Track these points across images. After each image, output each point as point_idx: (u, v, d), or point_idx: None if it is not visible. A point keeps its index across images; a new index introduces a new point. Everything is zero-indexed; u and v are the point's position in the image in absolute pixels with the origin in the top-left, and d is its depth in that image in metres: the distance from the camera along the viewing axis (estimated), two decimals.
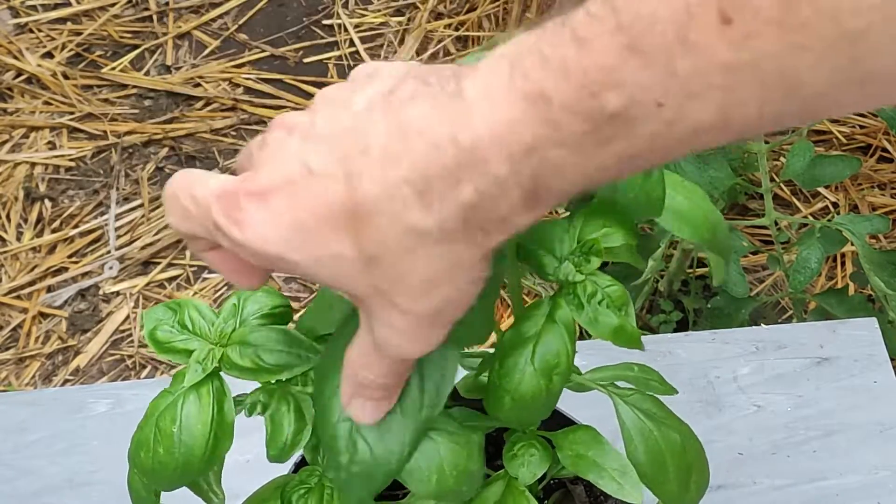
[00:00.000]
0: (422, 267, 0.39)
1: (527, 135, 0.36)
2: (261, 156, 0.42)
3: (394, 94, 0.40)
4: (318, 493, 0.53)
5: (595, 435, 0.58)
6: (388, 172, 0.38)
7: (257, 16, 2.07)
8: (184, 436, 0.50)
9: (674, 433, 0.58)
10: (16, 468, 0.85)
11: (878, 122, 1.79)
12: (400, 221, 0.38)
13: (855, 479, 0.82)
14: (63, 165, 1.85)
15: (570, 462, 0.57)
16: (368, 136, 0.39)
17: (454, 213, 0.38)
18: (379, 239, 0.39)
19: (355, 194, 0.38)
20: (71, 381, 1.59)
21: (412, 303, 0.41)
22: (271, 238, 0.40)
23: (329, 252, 0.40)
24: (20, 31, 2.05)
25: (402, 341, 0.43)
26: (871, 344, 0.90)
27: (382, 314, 0.42)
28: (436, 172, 0.37)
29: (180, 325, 0.53)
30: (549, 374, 0.51)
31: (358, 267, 0.40)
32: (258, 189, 0.40)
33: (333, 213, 0.39)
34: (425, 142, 0.38)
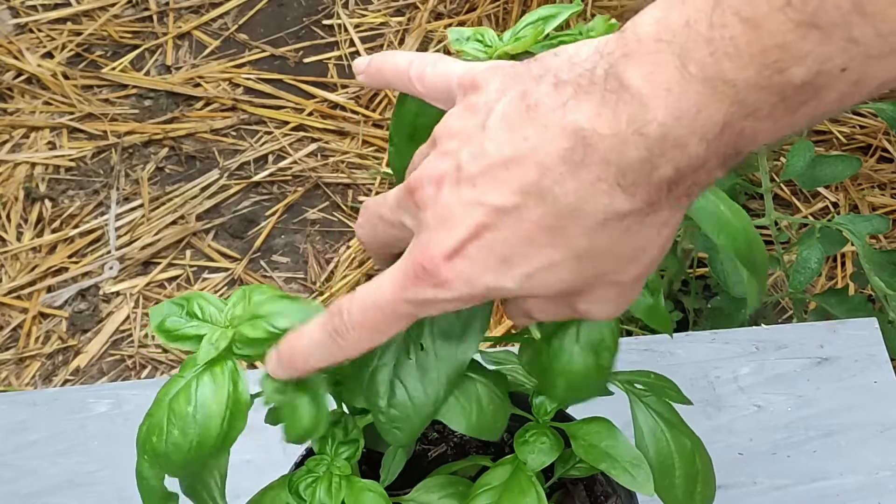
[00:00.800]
0: (632, 241, 0.41)
1: (718, 116, 0.37)
2: (427, 219, 0.43)
3: (536, 103, 0.40)
4: (327, 482, 0.54)
5: (609, 426, 0.58)
6: (580, 178, 0.39)
7: (257, 16, 2.07)
8: (199, 415, 0.50)
9: (685, 439, 0.58)
10: (16, 468, 0.85)
11: (878, 122, 1.79)
12: (606, 212, 0.40)
13: (855, 479, 0.82)
14: (63, 165, 1.85)
15: (583, 452, 0.57)
16: (539, 153, 0.40)
17: (658, 190, 0.40)
18: (587, 236, 0.41)
19: (551, 209, 0.40)
20: (71, 381, 1.59)
21: (624, 274, 0.43)
22: (480, 280, 0.42)
23: (540, 265, 0.42)
24: (20, 31, 2.05)
25: (609, 309, 0.45)
26: (871, 344, 0.90)
27: (592, 293, 0.44)
28: (629, 165, 0.39)
29: (189, 315, 0.53)
30: (597, 350, 0.52)
31: (570, 266, 0.42)
32: (448, 251, 0.42)
33: (534, 235, 0.41)
34: (608, 140, 0.39)
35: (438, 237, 0.42)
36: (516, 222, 0.41)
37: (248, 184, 1.81)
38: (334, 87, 1.94)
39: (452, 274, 0.42)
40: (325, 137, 1.87)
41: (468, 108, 0.43)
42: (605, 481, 0.67)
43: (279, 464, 0.63)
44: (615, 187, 0.39)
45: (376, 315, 0.45)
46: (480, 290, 0.42)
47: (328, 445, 0.54)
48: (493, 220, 0.41)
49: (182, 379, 0.51)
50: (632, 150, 0.38)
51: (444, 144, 0.43)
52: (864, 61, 0.35)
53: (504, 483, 0.57)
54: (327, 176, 1.81)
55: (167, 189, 1.81)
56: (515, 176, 0.40)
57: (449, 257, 0.42)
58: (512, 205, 0.41)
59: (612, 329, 0.52)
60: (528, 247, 0.41)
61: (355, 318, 0.45)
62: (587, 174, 0.39)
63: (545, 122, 0.40)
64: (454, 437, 0.70)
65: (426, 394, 0.50)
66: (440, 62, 0.48)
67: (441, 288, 0.42)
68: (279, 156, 1.85)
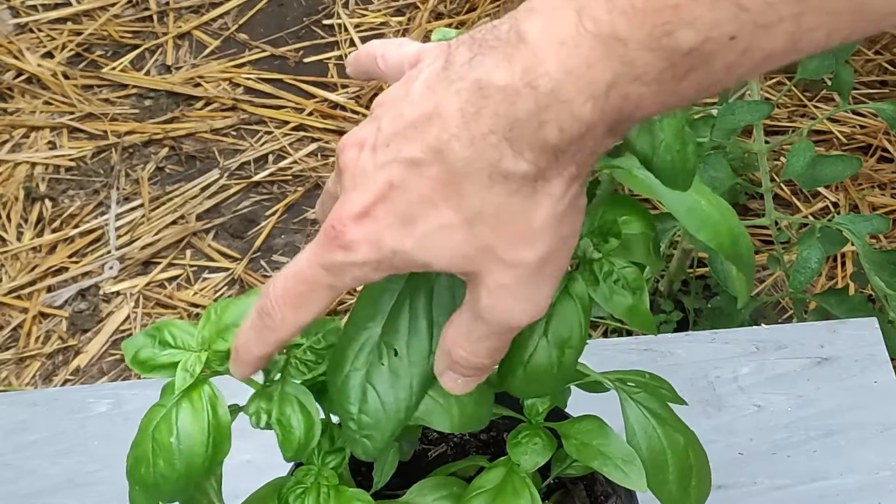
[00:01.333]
0: (522, 212, 0.41)
1: (606, 74, 0.38)
2: (345, 181, 0.43)
3: (450, 64, 0.41)
4: (315, 492, 0.54)
5: (600, 424, 0.58)
6: (472, 131, 0.40)
7: (257, 16, 2.07)
8: (182, 445, 0.50)
9: (677, 434, 0.58)
10: (16, 468, 0.85)
11: (878, 122, 1.79)
12: (494, 172, 0.40)
13: (855, 479, 0.82)
14: (63, 165, 1.85)
15: (575, 450, 0.57)
16: (441, 108, 0.40)
17: (545, 154, 0.39)
18: (478, 195, 0.40)
19: (448, 164, 0.40)
20: (71, 381, 1.59)
21: (518, 253, 0.42)
22: (384, 241, 0.42)
23: (436, 225, 0.41)
24: (20, 31, 2.05)
25: (511, 303, 0.43)
26: (872, 344, 0.90)
27: (490, 277, 0.43)
28: (517, 118, 0.39)
29: (161, 344, 0.53)
30: (562, 347, 0.52)
31: (464, 231, 0.41)
32: (357, 212, 0.42)
33: (433, 193, 0.41)
34: (502, 92, 0.39)
35: (351, 199, 0.42)
36: (417, 179, 0.41)
37: (248, 184, 1.81)
38: (334, 86, 1.94)
39: (359, 235, 0.42)
40: (326, 137, 1.87)
41: (404, 81, 0.44)
42: (605, 481, 0.67)
43: (279, 464, 0.62)
44: (503, 141, 0.39)
45: (297, 287, 0.44)
46: (387, 253, 0.42)
47: (315, 455, 0.54)
48: (399, 179, 0.41)
49: (162, 408, 0.51)
50: (522, 102, 0.39)
51: (373, 112, 0.44)
52: (753, 30, 0.36)
53: (498, 486, 0.57)
54: (327, 176, 1.81)
55: (167, 189, 1.81)
56: (421, 134, 0.41)
57: (357, 218, 0.42)
58: (416, 162, 0.41)
59: (581, 327, 0.52)
60: (426, 206, 0.41)
61: (277, 293, 0.45)
62: (480, 126, 0.40)
63: (452, 79, 0.41)
64: (454, 437, 0.70)
65: (397, 399, 0.49)
66: (403, 45, 0.49)
67: (349, 250, 0.42)
68: (279, 155, 1.85)
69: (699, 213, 0.55)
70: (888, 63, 1.89)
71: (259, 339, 0.47)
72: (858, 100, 1.82)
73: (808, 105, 1.83)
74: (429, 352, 0.48)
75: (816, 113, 1.81)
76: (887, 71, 1.89)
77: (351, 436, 0.50)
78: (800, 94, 1.85)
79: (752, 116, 1.10)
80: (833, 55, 1.13)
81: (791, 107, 1.84)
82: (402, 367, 0.49)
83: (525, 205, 0.41)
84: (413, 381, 0.49)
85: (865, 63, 1.90)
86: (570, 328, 0.52)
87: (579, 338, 0.52)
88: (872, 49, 1.91)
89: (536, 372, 0.52)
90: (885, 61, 1.89)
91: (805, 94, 1.85)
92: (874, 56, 1.90)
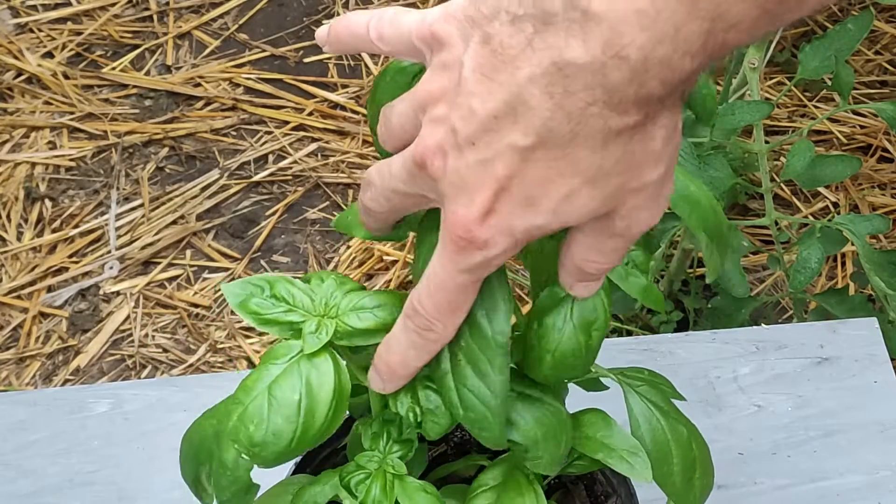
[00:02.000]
0: (640, 150, 0.42)
1: (699, 31, 0.38)
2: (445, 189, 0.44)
3: (498, 46, 0.41)
4: (381, 479, 0.53)
5: (604, 417, 0.58)
6: (567, 108, 0.40)
7: (257, 16, 2.07)
8: (308, 402, 0.49)
9: (681, 426, 0.58)
10: (16, 468, 0.85)
11: (878, 122, 1.79)
12: (605, 135, 0.41)
13: (855, 479, 0.82)
14: (63, 165, 1.85)
15: (579, 443, 0.57)
16: (522, 96, 0.41)
17: (650, 104, 0.40)
18: (594, 158, 0.42)
19: (553, 143, 0.41)
20: (71, 381, 1.59)
21: (644, 180, 0.44)
22: (515, 228, 0.44)
23: (561, 196, 0.43)
24: (20, 30, 2.05)
25: (644, 216, 0.45)
26: (872, 344, 0.90)
27: (624, 208, 0.44)
28: (614, 87, 0.40)
29: (276, 298, 0.52)
30: (588, 330, 0.53)
31: (589, 189, 0.43)
32: (477, 215, 0.44)
33: (547, 172, 0.42)
34: (586, 69, 0.39)
35: (462, 204, 0.44)
36: (527, 165, 0.42)
37: (248, 184, 1.81)
38: (334, 86, 1.94)
39: (490, 233, 0.44)
40: (326, 137, 1.87)
41: (440, 67, 0.44)
42: (605, 481, 0.67)
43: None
44: (605, 109, 0.40)
45: (446, 297, 0.47)
46: (521, 236, 0.44)
47: (381, 442, 0.54)
48: (508, 171, 0.42)
49: (275, 366, 0.50)
50: (613, 72, 0.39)
51: (432, 111, 0.44)
52: None
53: (501, 483, 0.57)
54: (327, 176, 1.81)
55: (167, 189, 1.81)
56: (510, 124, 0.41)
57: (480, 220, 0.43)
58: (517, 151, 0.42)
59: (605, 309, 0.53)
60: (544, 184, 0.42)
61: (429, 308, 0.47)
62: (574, 102, 0.40)
63: (516, 65, 0.41)
64: (454, 437, 0.70)
65: (488, 387, 0.50)
66: (395, 18, 0.48)
67: (487, 248, 0.44)
68: (279, 155, 1.85)
69: (690, 198, 0.56)
70: (888, 63, 1.89)
71: (421, 353, 0.50)
72: (858, 100, 1.82)
73: (808, 105, 1.83)
74: (490, 334, 0.50)
75: (816, 113, 1.81)
76: (887, 71, 1.89)
77: (472, 433, 0.51)
78: (800, 94, 1.85)
79: (752, 116, 1.10)
80: (833, 55, 1.13)
81: (791, 107, 1.84)
82: (476, 358, 0.50)
83: (642, 144, 0.42)
84: (492, 366, 0.50)
85: (865, 63, 1.90)
86: (595, 310, 0.52)
87: (604, 319, 0.53)
88: (872, 49, 1.91)
89: (565, 357, 0.53)
90: (885, 61, 1.89)
91: (805, 94, 1.85)
92: (874, 56, 1.90)
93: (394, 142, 0.48)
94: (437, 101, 0.44)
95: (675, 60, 0.39)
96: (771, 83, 1.85)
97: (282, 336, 0.51)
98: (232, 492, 0.51)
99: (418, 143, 0.45)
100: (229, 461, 0.50)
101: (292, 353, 0.50)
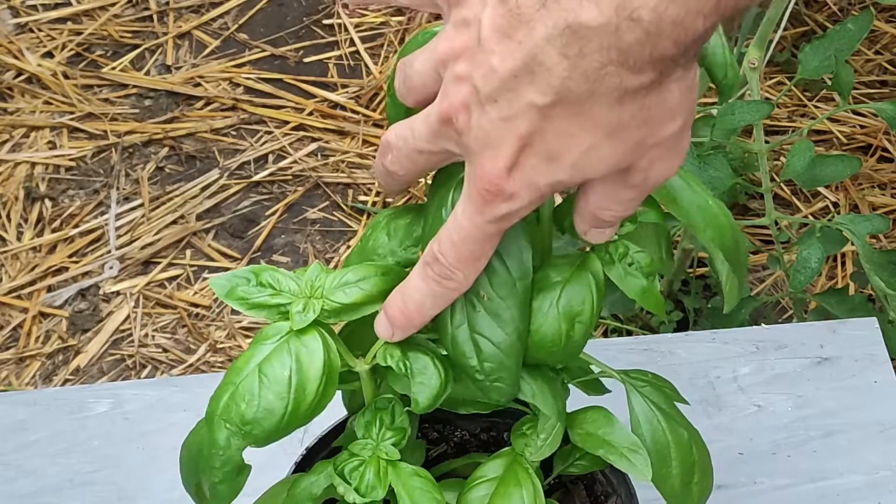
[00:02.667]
0: (657, 105, 0.44)
1: None
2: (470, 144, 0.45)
3: (514, 6, 0.42)
4: (375, 465, 0.53)
5: (606, 414, 0.58)
6: (583, 68, 0.41)
7: (257, 15, 2.07)
8: (299, 377, 0.50)
9: (682, 429, 0.58)
10: (16, 468, 0.85)
11: (878, 122, 1.79)
12: (621, 93, 0.42)
13: (855, 479, 0.82)
14: (63, 165, 1.85)
15: (580, 440, 0.57)
16: (539, 57, 0.42)
17: (664, 62, 0.42)
18: (612, 114, 0.43)
19: (571, 100, 0.42)
20: (71, 381, 1.59)
21: (662, 133, 0.45)
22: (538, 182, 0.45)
23: (582, 151, 0.44)
24: (20, 30, 2.05)
25: (663, 168, 0.47)
26: (872, 344, 0.90)
27: (642, 161, 0.46)
28: (629, 47, 0.41)
29: (262, 286, 0.53)
30: (572, 321, 0.53)
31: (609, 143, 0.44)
32: (503, 169, 0.45)
33: (567, 127, 0.44)
34: (601, 31, 0.41)
35: (489, 158, 0.45)
36: (547, 122, 0.43)
37: (248, 183, 1.81)
38: (334, 86, 1.94)
39: (516, 186, 0.45)
40: (326, 137, 1.87)
41: (459, 24, 0.45)
42: (605, 481, 0.67)
43: (279, 464, 0.63)
44: (620, 68, 0.41)
45: (471, 246, 0.48)
46: (545, 189, 0.46)
47: (374, 429, 0.54)
48: (529, 127, 0.44)
49: (265, 346, 0.50)
50: (627, 34, 0.40)
51: (453, 68, 0.45)
52: None
53: (500, 476, 0.57)
54: (328, 175, 1.81)
55: (167, 189, 1.81)
56: (528, 83, 0.43)
57: (507, 173, 0.45)
58: (536, 109, 0.43)
59: (593, 303, 0.53)
60: (565, 139, 0.44)
61: (452, 258, 0.48)
62: (590, 62, 0.41)
63: (532, 25, 0.42)
64: (454, 437, 0.70)
65: (508, 335, 0.51)
66: None
67: (512, 200, 0.46)
68: (279, 155, 1.85)
69: (707, 212, 0.55)
70: (888, 63, 1.89)
71: (439, 300, 0.50)
72: (858, 100, 1.82)
73: (808, 105, 1.83)
74: (512, 281, 0.51)
75: (816, 113, 1.81)
76: (887, 71, 1.89)
77: (482, 386, 0.51)
78: (800, 93, 1.85)
79: (752, 116, 1.10)
80: (833, 55, 1.13)
81: (791, 107, 1.84)
82: (496, 306, 0.51)
83: (658, 100, 0.43)
84: (513, 313, 0.51)
85: (865, 63, 1.90)
86: (583, 302, 0.53)
87: (590, 314, 0.53)
88: (872, 49, 1.91)
89: (544, 340, 0.53)
90: (885, 61, 1.89)
91: (805, 93, 1.85)
92: (874, 56, 1.90)
93: (415, 95, 0.50)
94: (458, 57, 0.45)
95: (687, 21, 0.40)
96: (771, 83, 1.85)
97: (270, 319, 0.52)
98: (224, 472, 0.51)
99: (442, 100, 0.46)
100: (221, 441, 0.50)
101: (281, 332, 0.51)
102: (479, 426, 0.69)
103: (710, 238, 0.55)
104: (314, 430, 0.63)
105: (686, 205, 0.55)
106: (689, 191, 0.55)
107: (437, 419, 0.69)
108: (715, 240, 0.55)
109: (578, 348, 0.54)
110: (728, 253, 0.56)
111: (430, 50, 0.48)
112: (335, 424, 0.64)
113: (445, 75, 0.46)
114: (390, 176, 0.51)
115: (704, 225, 0.55)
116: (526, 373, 0.54)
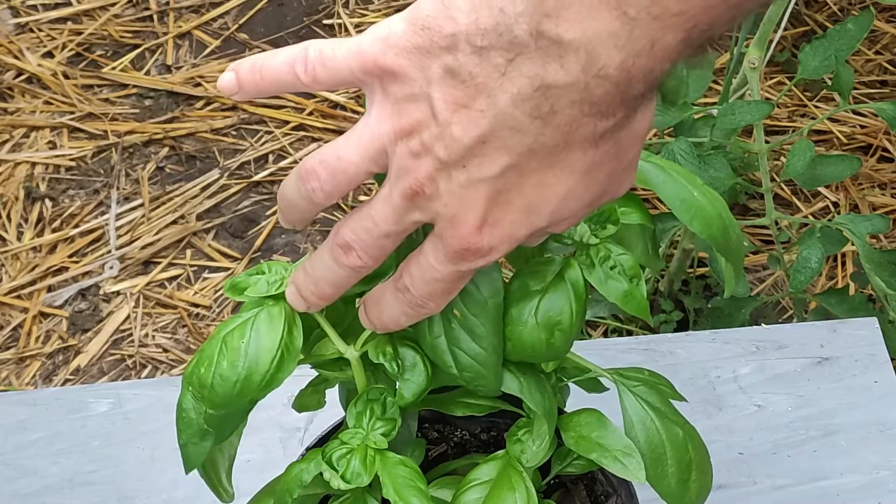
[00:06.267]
0: (627, 137, 0.44)
1: (675, 40, 0.39)
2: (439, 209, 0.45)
3: (468, 76, 0.42)
4: (362, 453, 0.54)
5: (599, 417, 0.58)
6: (554, 123, 0.42)
7: (257, 15, 2.07)
8: (251, 349, 0.52)
9: (676, 428, 0.57)
10: (16, 468, 0.85)
11: (878, 122, 1.79)
12: (594, 134, 0.42)
13: (855, 479, 0.82)
14: (63, 165, 1.85)
15: (573, 443, 0.57)
16: (506, 121, 0.42)
17: (635, 101, 0.42)
18: (587, 156, 0.43)
19: (545, 154, 0.43)
20: (71, 381, 1.59)
21: (631, 155, 0.46)
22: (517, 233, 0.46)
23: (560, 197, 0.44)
24: (20, 30, 2.05)
25: (630, 177, 0.47)
26: (872, 344, 0.90)
27: (616, 182, 0.46)
28: (600, 99, 0.41)
29: (257, 273, 0.55)
30: (551, 330, 0.53)
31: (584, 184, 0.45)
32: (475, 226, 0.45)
33: (544, 178, 0.44)
34: (570, 88, 0.41)
35: (462, 220, 0.45)
36: (519, 177, 0.43)
37: (248, 183, 1.81)
38: None
39: (494, 241, 0.45)
40: (326, 137, 1.87)
41: (403, 101, 0.45)
42: (605, 481, 0.66)
43: (279, 463, 0.63)
44: (592, 117, 0.42)
45: (441, 286, 0.48)
46: (525, 239, 0.46)
47: (365, 419, 0.55)
48: (503, 187, 0.44)
49: (239, 318, 0.53)
50: (597, 89, 0.41)
51: (408, 145, 0.44)
52: None
53: (494, 479, 0.57)
54: None
55: (167, 189, 1.81)
56: (495, 147, 0.43)
57: (479, 230, 0.45)
58: (507, 167, 0.43)
59: (572, 312, 0.53)
60: (542, 190, 0.44)
61: (422, 292, 0.49)
62: (562, 117, 0.41)
63: (492, 93, 0.42)
64: (454, 437, 0.70)
65: (483, 349, 0.52)
66: (325, 56, 0.48)
67: (490, 254, 0.46)
68: (279, 155, 1.85)
69: (692, 203, 0.55)
70: (888, 63, 1.89)
71: (412, 319, 0.51)
72: (858, 100, 1.82)
73: (808, 105, 1.83)
74: (484, 300, 0.52)
75: (816, 113, 1.81)
76: (887, 71, 1.89)
77: (468, 386, 0.53)
78: (800, 93, 1.85)
79: (752, 116, 1.10)
80: (833, 55, 1.13)
81: (791, 107, 1.84)
82: (471, 323, 0.52)
83: (628, 130, 0.44)
84: (486, 329, 0.52)
85: (865, 63, 1.90)
86: (561, 312, 0.53)
87: (570, 322, 0.53)
88: (872, 49, 1.91)
89: (524, 347, 0.53)
90: (885, 61, 1.89)
91: (805, 93, 1.85)
92: (874, 56, 1.90)
93: (343, 190, 0.48)
94: (410, 134, 0.44)
95: (656, 67, 0.40)
96: (771, 83, 1.85)
97: (250, 297, 0.53)
98: (188, 434, 0.53)
99: (402, 178, 0.45)
100: (185, 403, 0.53)
101: (255, 308, 0.53)
102: (479, 426, 0.69)
103: (699, 230, 0.56)
104: (314, 430, 0.63)
105: (670, 199, 0.55)
106: (672, 184, 0.55)
107: (437, 419, 0.69)
108: (703, 231, 0.55)
109: (561, 353, 0.54)
110: (717, 242, 0.56)
111: (364, 136, 0.46)
112: (335, 424, 0.64)
113: (396, 153, 0.45)
114: (361, 271, 0.49)
115: (690, 217, 0.55)
116: (515, 367, 0.54)
